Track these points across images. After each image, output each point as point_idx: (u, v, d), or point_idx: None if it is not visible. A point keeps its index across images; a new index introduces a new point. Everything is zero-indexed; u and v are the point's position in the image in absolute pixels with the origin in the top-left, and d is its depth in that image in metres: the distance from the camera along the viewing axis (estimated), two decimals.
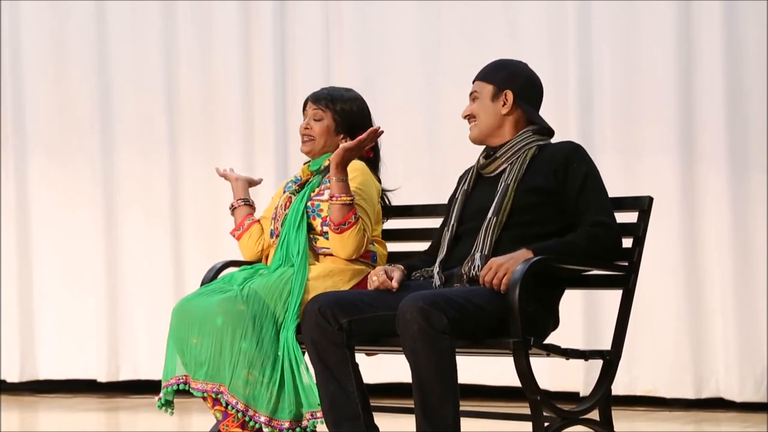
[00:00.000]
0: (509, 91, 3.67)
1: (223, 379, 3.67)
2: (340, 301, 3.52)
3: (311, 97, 4.05)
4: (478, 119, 3.70)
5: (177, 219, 6.68)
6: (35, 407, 6.61)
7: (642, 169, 5.59)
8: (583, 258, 3.53)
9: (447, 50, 6.11)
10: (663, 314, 5.69)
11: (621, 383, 5.63)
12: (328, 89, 4.06)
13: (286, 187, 4.10)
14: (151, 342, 6.65)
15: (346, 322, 3.49)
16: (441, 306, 3.31)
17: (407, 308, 3.32)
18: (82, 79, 6.82)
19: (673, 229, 5.64)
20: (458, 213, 3.70)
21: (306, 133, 4.01)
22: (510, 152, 3.66)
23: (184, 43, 6.66)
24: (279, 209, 4.01)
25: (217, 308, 3.70)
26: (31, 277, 6.95)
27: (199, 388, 3.72)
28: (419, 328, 3.29)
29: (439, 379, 3.33)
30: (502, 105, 3.67)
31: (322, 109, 3.99)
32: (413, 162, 6.02)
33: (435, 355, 3.31)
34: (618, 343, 3.64)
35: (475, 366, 5.96)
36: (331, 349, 3.50)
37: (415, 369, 3.35)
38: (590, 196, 3.56)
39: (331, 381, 3.52)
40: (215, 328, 3.68)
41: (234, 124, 6.54)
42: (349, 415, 3.52)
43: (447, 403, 3.35)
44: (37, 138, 6.93)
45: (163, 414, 3.89)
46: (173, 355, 3.79)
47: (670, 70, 5.65)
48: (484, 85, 3.71)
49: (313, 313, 3.51)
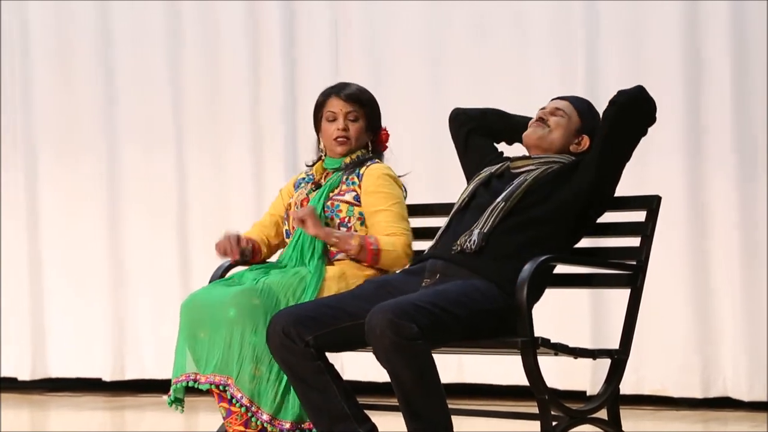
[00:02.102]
0: (588, 138, 3.76)
1: (231, 372, 3.64)
2: (301, 318, 3.49)
3: (343, 96, 3.92)
4: (549, 132, 3.76)
5: (183, 218, 6.68)
6: (45, 405, 6.63)
7: (649, 169, 5.59)
8: (639, 109, 3.60)
9: (454, 50, 6.10)
10: (671, 313, 5.68)
11: (629, 382, 5.62)
12: (356, 87, 3.96)
13: (298, 184, 4.04)
14: (157, 341, 6.65)
15: (312, 339, 3.48)
16: (410, 315, 3.31)
17: (376, 322, 3.32)
18: (88, 79, 6.83)
19: (681, 228, 5.63)
20: (474, 188, 3.73)
21: (344, 135, 3.91)
22: (543, 160, 3.73)
23: (190, 44, 6.65)
24: (294, 207, 3.95)
25: (231, 300, 3.66)
26: (41, 276, 6.96)
27: (207, 381, 3.68)
28: (390, 342, 3.30)
29: (421, 384, 3.34)
30: (576, 143, 3.77)
31: (356, 109, 3.92)
32: (420, 162, 6.00)
33: (412, 362, 3.32)
34: (626, 342, 3.64)
35: (483, 365, 5.96)
36: (304, 364, 3.49)
37: (394, 377, 3.36)
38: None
39: (311, 391, 3.51)
40: (227, 320, 3.64)
41: (241, 124, 6.54)
42: (338, 418, 3.51)
43: (434, 406, 3.37)
44: (44, 138, 6.94)
45: (170, 412, 3.88)
46: (183, 352, 3.75)
47: (676, 70, 5.64)
48: (573, 114, 3.78)
49: (276, 334, 3.49)
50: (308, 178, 4.03)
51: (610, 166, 3.65)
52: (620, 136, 3.63)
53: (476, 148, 3.91)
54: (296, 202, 3.96)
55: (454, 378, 6.10)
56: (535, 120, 3.80)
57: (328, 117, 3.92)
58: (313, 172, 4.01)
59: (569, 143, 3.76)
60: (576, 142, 3.77)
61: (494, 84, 5.93)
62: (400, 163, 4.10)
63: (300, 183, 4.04)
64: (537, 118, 3.79)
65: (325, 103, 3.94)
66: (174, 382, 3.77)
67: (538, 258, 3.45)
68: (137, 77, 6.77)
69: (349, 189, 3.89)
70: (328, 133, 3.92)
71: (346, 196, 3.88)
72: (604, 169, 3.64)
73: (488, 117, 3.95)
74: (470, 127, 3.93)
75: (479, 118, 3.94)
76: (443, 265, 3.61)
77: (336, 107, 3.91)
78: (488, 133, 3.94)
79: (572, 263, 3.77)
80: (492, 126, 3.94)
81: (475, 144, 3.92)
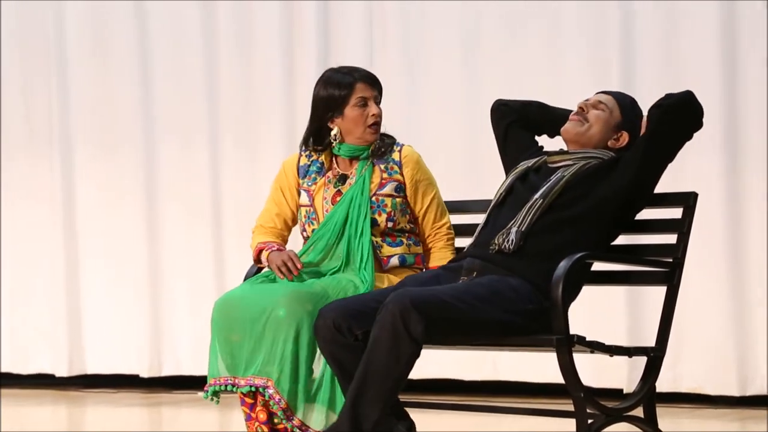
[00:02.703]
0: (628, 134, 3.74)
1: (271, 374, 3.60)
2: (350, 312, 3.46)
3: (369, 80, 3.83)
4: (588, 126, 3.74)
5: (218, 215, 6.70)
6: (82, 402, 6.67)
7: (686, 167, 5.56)
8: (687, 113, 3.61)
9: (488, 48, 6.09)
10: (708, 311, 5.65)
11: (665, 380, 5.59)
12: (367, 70, 3.88)
13: (305, 173, 3.88)
14: (193, 338, 6.68)
15: (361, 333, 3.45)
16: (425, 308, 3.31)
17: (393, 300, 3.32)
18: (125, 74, 6.86)
19: (718, 226, 5.60)
20: (511, 182, 3.72)
21: (378, 121, 3.82)
22: (580, 155, 3.71)
23: (225, 39, 6.67)
24: (324, 204, 3.83)
25: (283, 300, 3.59)
26: (78, 272, 7.00)
27: (247, 384, 3.62)
28: (392, 324, 3.29)
29: (384, 377, 3.32)
30: (615, 138, 3.74)
31: (380, 92, 3.85)
32: (454, 159, 6.00)
33: (393, 354, 3.31)
34: (662, 339, 3.62)
35: (518, 362, 5.95)
36: (353, 359, 3.45)
37: (368, 354, 3.33)
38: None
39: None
40: (276, 319, 3.58)
41: (276, 119, 6.55)
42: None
43: (377, 408, 3.34)
44: (81, 133, 6.98)
45: (206, 409, 3.89)
46: (217, 353, 3.70)
47: (713, 69, 5.60)
48: (615, 109, 3.76)
49: (327, 328, 3.46)
50: (316, 166, 3.90)
51: (652, 168, 3.64)
52: (665, 139, 3.62)
53: (516, 141, 3.89)
54: (328, 197, 3.84)
55: (489, 375, 6.09)
56: (575, 112, 3.77)
57: (357, 103, 3.79)
58: (322, 159, 3.88)
59: (608, 138, 3.74)
60: (615, 137, 3.75)
61: (528, 82, 5.91)
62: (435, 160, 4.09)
63: (308, 171, 3.90)
64: (577, 110, 3.77)
65: (353, 89, 3.80)
66: (212, 383, 3.70)
67: (573, 255, 3.44)
68: (173, 72, 6.79)
69: (390, 179, 3.83)
70: (359, 120, 3.80)
71: (387, 188, 3.81)
72: (646, 170, 3.62)
73: (529, 109, 3.93)
74: (511, 119, 3.91)
75: (520, 110, 3.92)
76: (481, 265, 3.61)
77: (366, 92, 3.81)
78: (529, 125, 3.92)
79: (608, 261, 3.75)
80: (533, 118, 3.92)
81: (515, 136, 3.90)
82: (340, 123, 3.82)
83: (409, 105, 6.07)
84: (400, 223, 3.83)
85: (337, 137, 3.83)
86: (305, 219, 3.88)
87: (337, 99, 3.81)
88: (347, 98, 3.81)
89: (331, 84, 3.82)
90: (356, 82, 3.81)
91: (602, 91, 3.85)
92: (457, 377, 6.12)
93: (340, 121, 3.82)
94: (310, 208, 3.86)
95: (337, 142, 3.83)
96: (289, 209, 3.92)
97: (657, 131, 3.60)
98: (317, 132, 3.86)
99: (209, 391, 3.74)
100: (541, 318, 3.47)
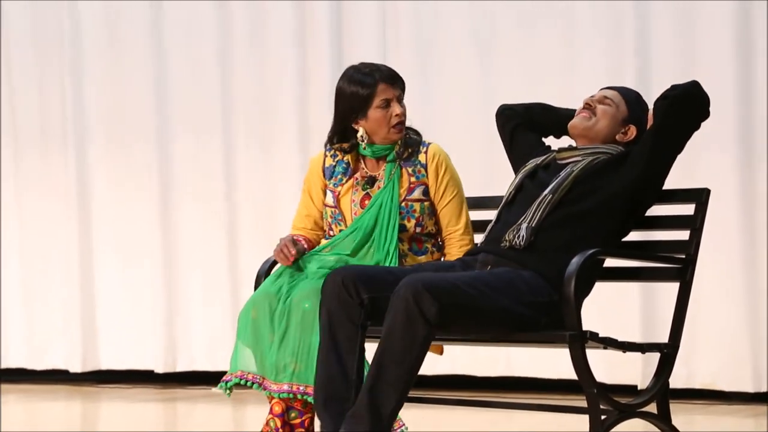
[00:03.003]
0: (635, 128, 3.74)
1: (309, 380, 3.58)
2: (364, 275, 3.45)
3: (390, 80, 3.82)
4: (595, 121, 3.74)
5: (232, 210, 6.71)
6: (97, 397, 6.69)
7: (699, 162, 5.55)
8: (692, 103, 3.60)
9: (502, 48, 6.09)
10: (721, 307, 5.64)
11: (679, 376, 5.59)
12: (390, 67, 3.88)
13: (332, 173, 3.89)
14: (208, 333, 6.69)
15: (368, 299, 3.43)
16: (438, 292, 3.30)
17: (405, 284, 3.31)
18: (139, 70, 6.88)
19: (731, 221, 5.59)
20: (520, 180, 3.73)
21: (402, 120, 3.83)
22: (589, 151, 3.71)
23: (239, 34, 6.68)
24: (353, 207, 3.84)
25: (308, 293, 3.61)
26: (92, 267, 7.02)
27: (281, 390, 3.61)
28: (405, 307, 3.28)
29: (400, 361, 3.31)
30: (623, 133, 3.74)
31: (403, 90, 3.86)
32: (470, 159, 5.97)
33: (408, 338, 3.30)
34: (675, 335, 3.62)
35: (530, 358, 5.95)
36: (345, 323, 3.43)
37: (384, 340, 3.32)
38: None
39: (333, 353, 3.44)
40: (303, 313, 3.59)
41: (289, 113, 6.55)
42: (339, 396, 3.44)
43: (395, 391, 3.32)
44: (95, 126, 7.00)
45: (221, 405, 3.90)
46: (243, 351, 3.70)
47: (728, 66, 5.60)
48: (621, 103, 3.76)
49: (335, 283, 3.44)
50: (342, 167, 3.91)
51: (661, 160, 3.64)
52: (672, 130, 3.62)
53: (523, 143, 3.90)
54: (356, 199, 3.86)
55: (502, 371, 6.09)
56: (581, 108, 3.78)
57: (380, 105, 3.80)
58: (347, 158, 3.89)
59: (615, 132, 3.75)
60: (623, 131, 3.75)
61: (543, 79, 5.91)
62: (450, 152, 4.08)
63: (334, 172, 3.91)
64: (584, 106, 3.77)
65: (375, 90, 3.80)
66: (238, 375, 3.70)
67: (586, 252, 3.44)
68: (188, 68, 6.81)
69: (417, 183, 3.85)
70: (382, 121, 3.80)
71: (415, 192, 3.84)
72: (655, 163, 3.62)
73: (534, 111, 3.94)
74: (516, 123, 3.93)
75: (524, 113, 3.94)
76: (494, 259, 3.62)
77: (389, 93, 3.81)
78: (534, 127, 3.93)
79: (621, 257, 3.75)
80: (538, 120, 3.93)
81: (521, 139, 3.91)
82: (365, 124, 3.84)
83: (422, 105, 6.05)
84: (427, 227, 3.86)
85: (364, 138, 3.84)
86: (331, 219, 3.90)
87: (360, 101, 3.82)
88: (370, 100, 3.81)
89: (353, 84, 3.83)
90: (378, 84, 3.81)
91: (607, 87, 3.85)
92: (470, 373, 6.13)
93: (365, 122, 3.84)
94: (335, 210, 3.88)
95: (365, 143, 3.85)
96: (317, 210, 3.95)
97: (664, 123, 3.60)
98: (342, 132, 3.88)
99: (229, 381, 3.72)
100: (553, 312, 3.47)
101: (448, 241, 3.87)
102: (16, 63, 7.15)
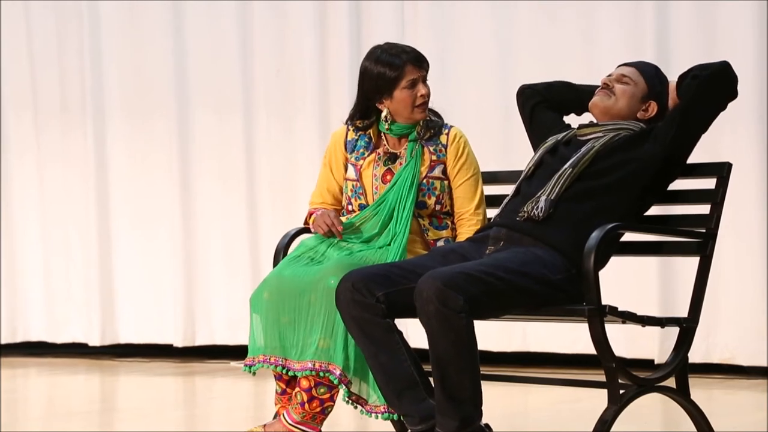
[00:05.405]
0: (656, 104, 3.72)
1: (334, 359, 3.58)
2: (372, 276, 3.48)
3: (417, 62, 3.83)
4: (614, 99, 3.72)
5: (251, 183, 6.73)
6: (115, 371, 6.72)
7: (722, 138, 5.53)
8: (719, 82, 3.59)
9: (521, 47, 6.07)
10: (741, 282, 5.63)
11: (698, 351, 5.58)
12: (415, 49, 3.88)
13: (353, 147, 3.90)
14: (227, 307, 6.71)
15: (382, 296, 3.45)
16: (459, 285, 3.30)
17: (425, 287, 3.31)
18: (159, 43, 6.89)
19: (752, 196, 5.57)
20: (540, 155, 3.72)
21: (426, 101, 3.85)
22: (610, 127, 3.70)
23: (259, 12, 6.69)
24: (375, 181, 3.86)
25: (332, 269, 3.60)
26: (110, 242, 7.05)
27: (303, 368, 3.61)
28: (435, 309, 3.29)
29: (456, 354, 3.32)
30: (643, 109, 3.72)
31: (427, 71, 3.87)
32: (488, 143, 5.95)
33: (451, 334, 3.30)
34: (695, 310, 3.61)
35: (548, 333, 5.95)
36: (374, 320, 3.45)
37: (432, 344, 3.35)
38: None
39: (381, 352, 3.47)
40: (327, 289, 3.57)
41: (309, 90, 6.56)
42: (408, 383, 3.48)
43: (465, 373, 3.34)
44: (115, 102, 7.01)
45: (240, 379, 3.90)
46: (262, 333, 3.69)
47: (749, 42, 5.57)
48: (640, 80, 3.73)
49: (347, 290, 3.46)
50: (364, 141, 3.93)
51: (686, 139, 3.62)
52: (700, 110, 3.60)
53: (543, 121, 3.90)
54: (378, 174, 3.87)
55: (519, 347, 6.10)
56: (600, 87, 3.76)
57: (406, 85, 3.82)
58: (370, 133, 3.91)
59: (636, 110, 3.73)
60: (643, 108, 3.73)
61: (562, 58, 5.91)
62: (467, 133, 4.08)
63: (356, 146, 3.93)
64: (602, 85, 3.75)
65: (403, 72, 3.82)
66: (262, 359, 3.69)
67: (606, 226, 3.43)
68: (208, 41, 6.81)
69: (438, 162, 3.86)
70: (407, 101, 3.82)
71: (435, 170, 3.85)
72: (680, 141, 3.60)
73: (554, 89, 3.93)
74: (536, 101, 3.92)
75: (545, 92, 3.93)
76: (507, 233, 3.60)
77: (415, 74, 3.82)
78: (555, 105, 3.92)
79: (641, 231, 3.74)
80: (558, 97, 3.92)
81: (541, 117, 3.90)
82: (389, 104, 3.86)
83: (441, 83, 6.03)
84: (446, 206, 3.88)
85: (387, 118, 3.87)
86: (351, 193, 3.91)
87: (386, 82, 3.83)
88: (397, 81, 3.83)
89: (380, 64, 3.84)
90: (406, 65, 3.83)
91: (624, 63, 3.82)
92: (487, 348, 6.13)
93: (389, 102, 3.85)
94: (356, 183, 3.90)
95: (389, 123, 3.87)
96: (336, 184, 3.97)
97: (693, 104, 3.58)
98: (365, 111, 3.90)
99: (253, 366, 3.72)
100: (569, 288, 3.46)
101: (459, 222, 3.88)
102: (38, 38, 7.15)
